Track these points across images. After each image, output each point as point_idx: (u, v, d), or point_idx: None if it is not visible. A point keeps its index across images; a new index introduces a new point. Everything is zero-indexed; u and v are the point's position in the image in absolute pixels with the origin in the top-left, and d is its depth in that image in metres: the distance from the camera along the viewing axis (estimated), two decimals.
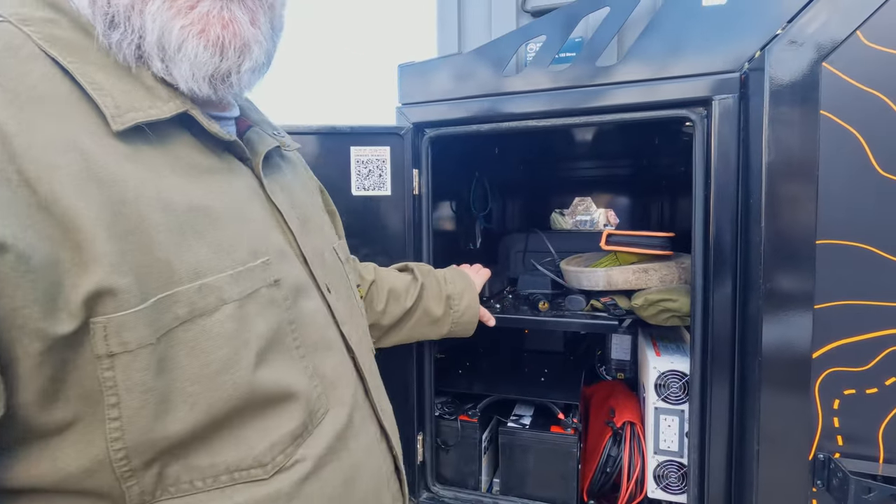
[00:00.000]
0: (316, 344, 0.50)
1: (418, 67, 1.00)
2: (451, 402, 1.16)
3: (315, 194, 0.69)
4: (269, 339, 0.44)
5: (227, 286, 0.41)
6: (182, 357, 0.38)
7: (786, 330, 0.73)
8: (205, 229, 0.41)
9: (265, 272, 0.45)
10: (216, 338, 0.39)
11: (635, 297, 1.00)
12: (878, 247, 0.68)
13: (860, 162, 0.68)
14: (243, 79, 0.46)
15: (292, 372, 0.45)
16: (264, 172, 0.52)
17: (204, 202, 0.42)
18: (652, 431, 0.96)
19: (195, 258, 0.40)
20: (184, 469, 0.39)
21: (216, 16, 0.42)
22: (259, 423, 0.43)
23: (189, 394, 0.38)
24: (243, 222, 0.45)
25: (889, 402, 0.69)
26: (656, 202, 1.79)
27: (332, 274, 0.58)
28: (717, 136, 0.82)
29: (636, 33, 0.86)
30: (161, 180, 0.40)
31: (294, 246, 0.52)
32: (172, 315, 0.37)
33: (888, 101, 0.67)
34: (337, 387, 0.51)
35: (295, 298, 0.48)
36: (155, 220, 0.38)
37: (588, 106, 0.89)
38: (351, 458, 0.50)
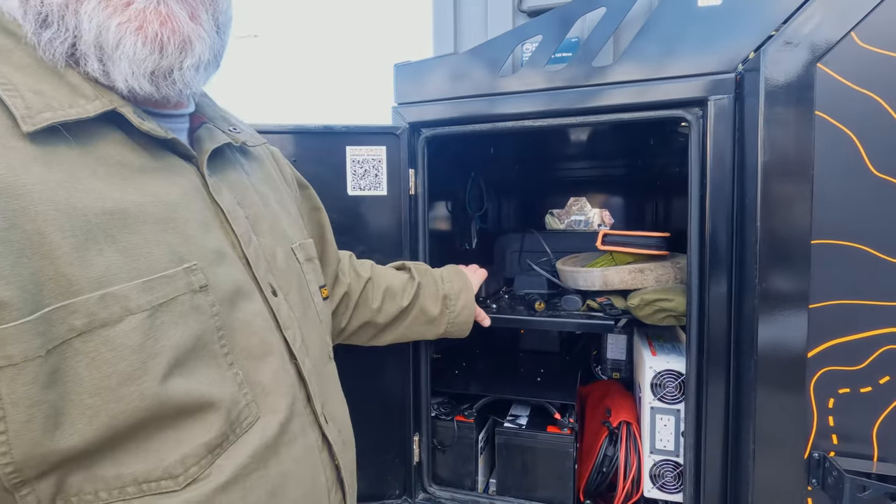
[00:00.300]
0: (250, 350, 0.48)
1: (414, 67, 1.00)
2: (448, 403, 1.15)
3: (282, 191, 0.67)
4: (189, 348, 0.42)
5: (135, 295, 0.39)
6: (81, 369, 0.37)
7: (781, 329, 0.73)
8: (119, 234, 0.40)
9: (189, 278, 0.43)
10: (119, 349, 0.38)
11: (631, 296, 1.00)
12: (872, 246, 0.69)
13: (854, 162, 0.69)
14: (186, 76, 0.45)
15: (215, 380, 0.44)
16: (211, 170, 0.51)
17: (122, 206, 0.41)
18: (648, 431, 0.97)
19: (103, 265, 0.38)
20: (87, 479, 0.38)
21: (153, 11, 0.42)
22: (170, 434, 0.41)
23: (87, 406, 0.37)
24: (170, 225, 0.44)
25: (883, 401, 0.70)
26: (651, 202, 1.79)
27: (283, 276, 0.56)
28: (712, 136, 0.82)
29: (632, 33, 0.87)
30: (75, 183, 0.39)
31: (237, 247, 0.51)
32: (67, 326, 0.36)
33: (882, 102, 0.67)
34: (271, 394, 0.49)
35: (230, 303, 0.47)
36: (57, 228, 0.36)
37: (584, 106, 0.89)
38: (280, 466, 0.49)
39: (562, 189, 1.99)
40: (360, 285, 0.87)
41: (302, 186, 0.77)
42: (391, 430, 1.05)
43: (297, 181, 0.76)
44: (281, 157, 0.73)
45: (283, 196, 0.66)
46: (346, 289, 0.84)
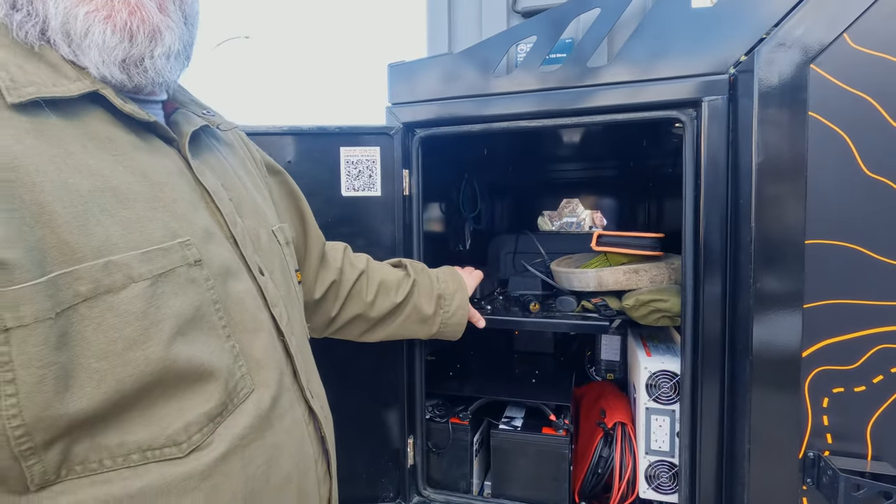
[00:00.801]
0: (244, 325, 0.50)
1: (408, 67, 0.99)
2: (442, 405, 1.14)
3: (255, 174, 0.68)
4: (190, 317, 0.44)
5: (136, 264, 0.41)
6: (88, 333, 0.38)
7: (776, 329, 0.73)
8: (113, 208, 0.41)
9: (184, 251, 0.45)
10: (124, 315, 0.39)
11: (626, 297, 1.00)
12: (865, 246, 0.69)
13: (847, 163, 0.69)
14: (158, 64, 0.46)
15: (214, 350, 0.45)
16: (192, 153, 0.52)
17: (112, 184, 0.42)
18: (643, 432, 0.96)
19: (103, 234, 0.39)
20: (92, 448, 0.39)
21: (121, 1, 0.43)
22: (174, 403, 0.42)
23: (95, 370, 0.38)
24: (159, 202, 0.45)
25: (877, 400, 0.70)
26: (643, 203, 1.80)
27: (267, 256, 0.58)
28: (706, 136, 0.82)
29: (627, 34, 0.87)
30: (67, 158, 0.40)
31: (224, 227, 0.52)
32: (73, 291, 0.37)
33: (874, 103, 0.68)
34: (263, 368, 0.51)
35: (222, 279, 0.48)
36: (55, 198, 0.37)
37: (579, 107, 0.89)
38: (275, 437, 0.50)
39: (555, 190, 1.99)
40: (354, 276, 0.86)
41: (274, 172, 0.77)
42: (385, 433, 1.04)
43: (268, 166, 0.76)
44: (249, 140, 0.73)
45: (256, 180, 0.68)
46: (335, 276, 0.84)
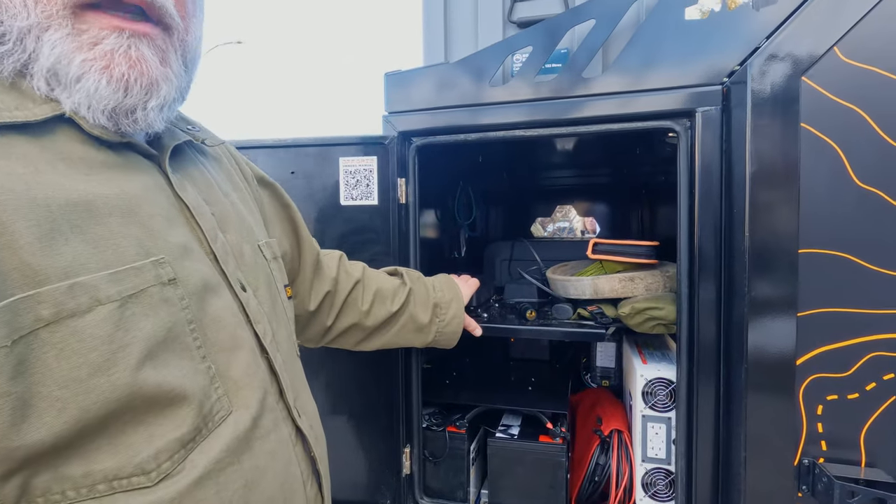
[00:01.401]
0: (222, 344, 0.48)
1: (405, 76, 1.00)
2: (439, 413, 1.14)
3: (243, 189, 0.67)
4: (161, 339, 0.42)
5: (104, 285, 0.39)
6: (49, 360, 0.36)
7: (770, 337, 0.74)
8: (85, 225, 0.40)
9: (157, 270, 0.43)
10: (89, 339, 0.38)
11: (622, 305, 1.00)
12: (857, 255, 0.70)
13: (839, 173, 0.70)
14: (150, 116, 0.46)
15: (188, 373, 0.44)
16: (173, 168, 0.51)
17: (87, 198, 0.40)
18: (639, 439, 0.97)
19: (70, 255, 0.38)
20: (54, 479, 0.37)
21: (122, 54, 0.43)
22: (142, 430, 0.41)
23: (56, 398, 0.36)
24: (133, 219, 0.44)
25: (870, 407, 0.71)
26: (636, 210, 1.82)
27: (251, 272, 0.57)
28: (700, 146, 0.83)
29: (621, 45, 0.88)
30: (36, 176, 0.38)
31: (203, 242, 0.51)
32: (33, 316, 0.35)
33: (864, 115, 0.69)
34: (243, 388, 0.49)
35: (199, 297, 0.47)
36: (20, 217, 0.36)
37: (575, 116, 0.90)
38: (254, 460, 0.48)
39: (549, 197, 2.00)
40: (349, 285, 0.86)
41: (265, 184, 0.76)
42: (382, 441, 1.04)
43: (259, 179, 0.75)
44: (239, 155, 0.72)
45: (244, 195, 0.67)
46: (330, 286, 0.83)
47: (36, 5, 0.40)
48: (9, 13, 0.40)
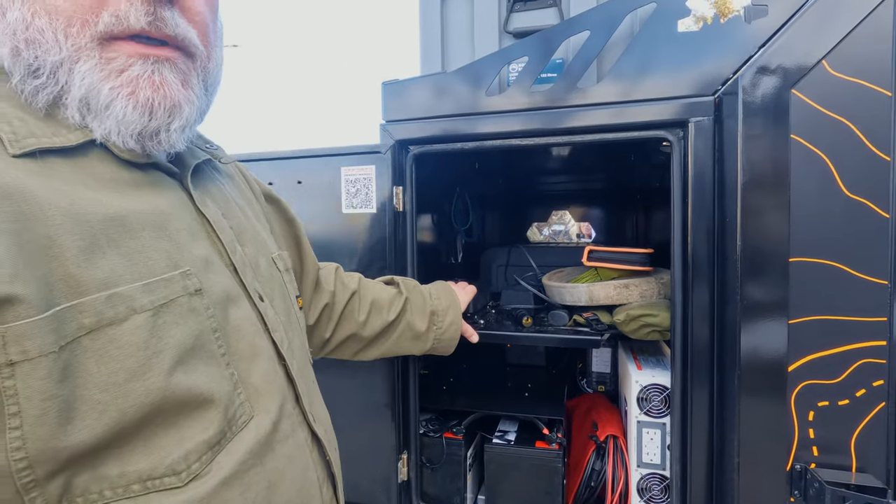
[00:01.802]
0: (243, 352, 0.50)
1: (402, 85, 1.01)
2: (436, 419, 1.15)
3: (254, 205, 0.70)
4: (190, 346, 0.44)
5: (138, 295, 0.41)
6: (91, 365, 0.38)
7: (762, 344, 0.75)
8: (120, 239, 0.42)
9: (185, 282, 0.46)
10: (126, 346, 0.40)
11: (617, 312, 1.01)
12: (846, 264, 0.71)
13: (828, 183, 0.72)
14: (172, 137, 0.48)
15: (214, 378, 0.46)
16: (194, 185, 0.54)
17: (122, 213, 0.43)
18: (635, 445, 0.98)
19: (108, 268, 0.40)
20: (93, 479, 0.39)
21: (146, 79, 0.45)
22: (173, 432, 0.43)
23: (97, 401, 0.38)
24: (163, 233, 0.46)
25: (860, 413, 0.72)
26: (631, 215, 1.83)
27: (267, 283, 0.59)
28: (693, 155, 0.85)
29: (616, 56, 0.89)
30: (75, 192, 0.41)
31: (224, 256, 0.53)
32: (77, 324, 0.38)
33: (852, 127, 0.71)
34: (263, 394, 0.51)
35: (222, 307, 0.49)
36: (65, 231, 0.38)
37: (570, 126, 0.92)
38: (276, 462, 0.51)
39: (545, 202, 2.01)
40: (346, 297, 0.87)
41: (272, 200, 0.78)
42: (379, 447, 1.04)
43: (266, 195, 0.77)
44: (248, 172, 0.75)
45: (256, 209, 0.69)
46: (328, 299, 0.84)
47: (66, 39, 0.42)
48: (42, 48, 0.42)
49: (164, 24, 0.45)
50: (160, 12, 0.44)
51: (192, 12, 0.48)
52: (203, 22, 0.50)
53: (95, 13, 0.42)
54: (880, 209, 0.70)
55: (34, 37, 0.42)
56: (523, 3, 1.04)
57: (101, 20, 0.42)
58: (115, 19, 0.43)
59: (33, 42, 0.42)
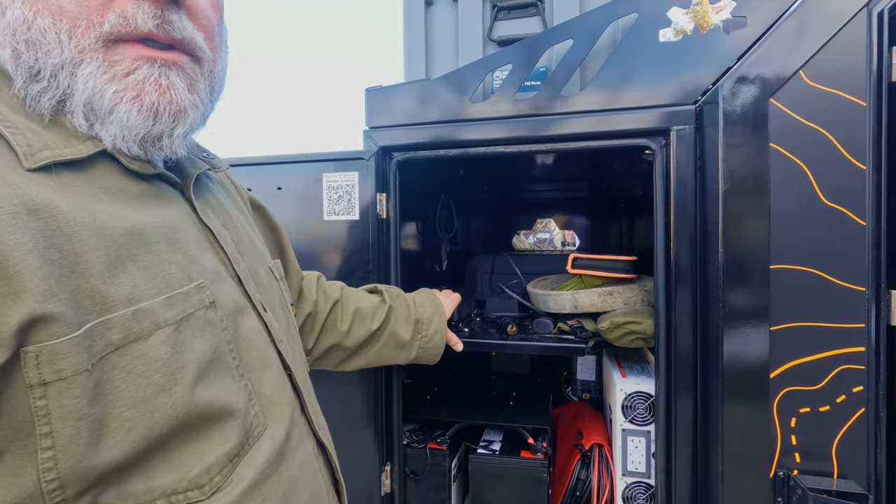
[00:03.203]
0: (254, 362, 0.50)
1: (386, 92, 1.00)
2: (419, 430, 1.13)
3: (246, 213, 0.69)
4: (209, 359, 0.44)
5: (161, 310, 0.41)
6: (119, 382, 0.38)
7: (745, 351, 0.76)
8: (139, 253, 0.42)
9: (200, 294, 0.45)
10: (152, 361, 0.40)
11: (601, 319, 1.01)
12: (825, 271, 0.72)
13: (807, 191, 0.73)
14: (175, 142, 0.47)
15: (231, 390, 0.46)
16: (195, 195, 0.53)
17: (138, 226, 0.43)
18: (620, 453, 0.97)
19: (131, 283, 0.40)
20: (118, 496, 0.39)
21: (153, 82, 0.44)
22: (195, 446, 0.43)
23: (126, 418, 0.38)
24: (176, 245, 0.46)
25: (840, 419, 0.73)
26: (615, 222, 1.85)
27: (267, 293, 0.59)
28: (675, 163, 0.86)
29: (599, 63, 0.90)
30: (92, 206, 0.40)
31: (228, 266, 0.53)
32: (106, 341, 0.38)
33: (829, 136, 0.72)
34: (275, 404, 0.51)
35: (234, 318, 0.49)
36: (91, 247, 0.38)
37: (553, 133, 0.92)
38: (290, 471, 0.51)
39: (529, 210, 2.02)
40: (328, 306, 0.85)
41: (256, 207, 0.77)
42: (361, 459, 1.02)
43: (252, 202, 0.77)
44: (236, 179, 0.74)
45: (248, 218, 0.69)
46: (311, 308, 0.83)
47: (70, 41, 0.41)
48: (42, 50, 0.41)
49: (171, 27, 0.44)
50: (168, 15, 0.43)
51: (199, 16, 0.48)
52: (210, 26, 0.49)
53: (101, 14, 0.41)
54: (857, 217, 0.71)
55: (35, 38, 0.40)
56: (507, 12, 1.05)
57: (106, 21, 0.41)
58: (122, 20, 0.42)
59: (34, 43, 0.40)
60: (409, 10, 1.09)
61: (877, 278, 0.71)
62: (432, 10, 1.09)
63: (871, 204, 0.70)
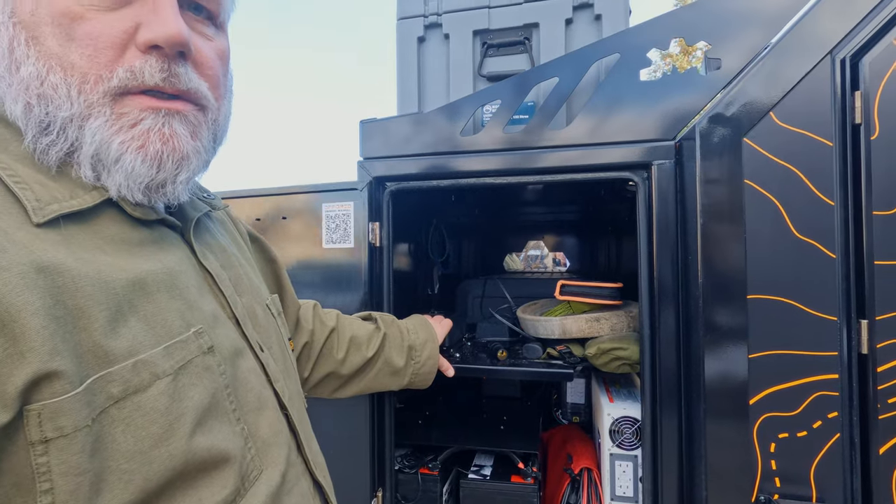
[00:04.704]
0: (251, 404, 0.50)
1: (380, 124, 1.04)
2: (411, 455, 1.14)
3: (245, 249, 0.70)
4: (206, 407, 0.44)
5: (160, 360, 0.42)
6: (118, 435, 0.38)
7: (725, 379, 0.78)
8: (140, 304, 0.42)
9: (199, 341, 0.46)
10: (150, 413, 0.40)
11: (588, 345, 1.04)
12: (799, 301, 0.76)
13: (780, 225, 0.76)
14: (178, 188, 0.48)
15: (228, 436, 0.46)
16: (195, 237, 0.54)
17: (140, 276, 0.43)
18: (608, 477, 0.99)
19: (131, 335, 0.40)
20: None
21: (157, 132, 0.45)
22: (192, 493, 0.43)
23: (124, 471, 0.38)
24: (175, 292, 0.46)
25: (817, 444, 0.75)
26: (604, 244, 1.89)
27: (264, 332, 0.59)
28: (657, 196, 0.89)
29: (584, 100, 0.94)
30: (96, 258, 0.41)
31: (227, 308, 0.54)
32: (106, 395, 0.38)
33: (799, 173, 0.76)
34: (271, 446, 0.51)
35: (232, 362, 0.49)
36: (95, 302, 0.38)
37: (540, 166, 0.96)
38: None
39: (520, 232, 2.06)
40: (324, 334, 0.86)
41: (254, 240, 0.78)
42: (353, 485, 1.02)
43: (250, 235, 0.77)
44: (235, 215, 0.75)
45: (246, 255, 0.69)
46: (307, 337, 0.84)
47: (79, 95, 0.42)
48: (53, 104, 0.42)
49: (177, 79, 0.45)
50: (174, 68, 0.45)
51: (204, 66, 0.49)
52: (215, 76, 0.50)
53: (110, 69, 0.42)
54: (827, 250, 0.75)
55: (47, 92, 0.42)
56: (496, 49, 1.10)
57: (115, 76, 0.43)
58: (129, 75, 0.43)
59: (45, 98, 0.42)
60: (402, 46, 1.14)
61: (847, 308, 0.74)
62: (425, 46, 1.14)
63: (840, 237, 0.74)
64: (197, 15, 0.49)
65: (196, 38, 0.48)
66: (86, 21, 0.42)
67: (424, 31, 1.14)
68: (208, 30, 0.51)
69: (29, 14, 0.42)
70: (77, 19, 0.42)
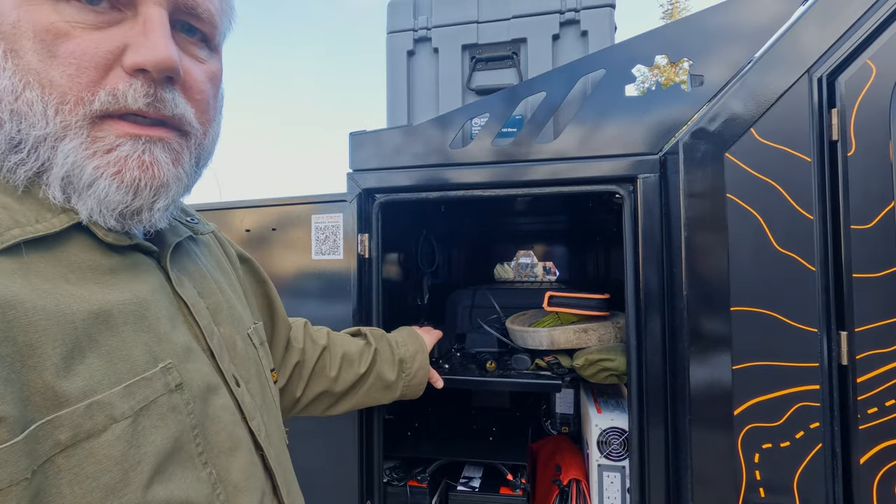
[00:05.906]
0: (221, 445, 0.47)
1: (369, 136, 1.05)
2: (399, 467, 1.13)
3: (230, 273, 0.67)
4: (168, 451, 0.41)
5: (118, 401, 0.38)
6: (63, 487, 0.34)
7: (710, 389, 0.79)
8: (102, 338, 0.39)
9: (166, 378, 0.43)
10: (103, 461, 0.36)
11: (576, 356, 1.05)
12: (780, 313, 0.77)
13: (761, 239, 0.78)
14: (155, 216, 0.45)
15: (192, 483, 0.43)
16: (172, 263, 0.51)
17: (105, 308, 0.40)
18: (596, 489, 0.99)
19: (87, 373, 0.37)
20: None
21: (136, 159, 0.42)
22: None
23: None
24: (144, 324, 0.43)
25: (800, 454, 0.76)
26: (592, 253, 1.91)
27: (242, 364, 0.56)
28: (642, 208, 0.91)
29: (571, 114, 0.96)
30: (57, 289, 0.38)
31: (201, 340, 0.50)
32: (53, 442, 0.34)
33: (778, 187, 0.78)
34: (242, 491, 0.48)
35: (203, 399, 0.46)
36: (49, 338, 0.35)
37: (528, 179, 0.97)
38: None
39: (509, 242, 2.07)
40: (316, 353, 0.85)
41: (244, 260, 0.75)
42: (341, 498, 1.01)
43: (240, 256, 0.75)
44: (222, 236, 0.72)
45: (231, 280, 0.66)
46: (299, 356, 0.83)
47: (56, 115, 0.40)
48: (27, 122, 0.39)
49: (163, 105, 0.43)
50: (160, 93, 0.42)
51: (193, 90, 0.46)
52: (204, 100, 0.48)
53: (92, 91, 0.40)
54: (807, 262, 0.77)
55: (21, 109, 0.39)
56: (485, 63, 1.11)
57: (97, 99, 0.40)
58: (111, 98, 0.41)
59: (19, 114, 0.39)
60: (391, 59, 1.15)
61: (827, 320, 0.76)
62: (414, 60, 1.15)
63: (819, 251, 0.76)
64: (190, 36, 0.47)
65: (187, 60, 0.46)
66: (71, 39, 0.40)
67: (414, 45, 1.15)
68: (201, 52, 0.48)
69: (10, 25, 0.39)
70: (61, 36, 0.39)
